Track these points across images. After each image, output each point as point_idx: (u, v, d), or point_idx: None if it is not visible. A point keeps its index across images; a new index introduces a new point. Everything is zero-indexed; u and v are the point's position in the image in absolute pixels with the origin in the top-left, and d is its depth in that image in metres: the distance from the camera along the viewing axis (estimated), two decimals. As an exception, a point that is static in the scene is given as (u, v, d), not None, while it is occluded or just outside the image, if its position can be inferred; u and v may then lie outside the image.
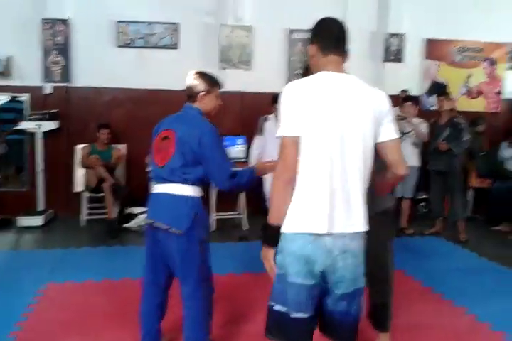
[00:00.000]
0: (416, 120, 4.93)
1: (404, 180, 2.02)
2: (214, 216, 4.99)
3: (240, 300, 3.14)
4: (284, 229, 1.66)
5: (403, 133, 4.92)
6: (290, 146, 1.62)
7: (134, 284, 3.28)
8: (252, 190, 5.22)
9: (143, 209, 4.87)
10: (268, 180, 4.96)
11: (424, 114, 5.39)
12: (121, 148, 5.35)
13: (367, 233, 1.72)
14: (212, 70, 5.44)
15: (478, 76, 6.47)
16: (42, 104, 5.29)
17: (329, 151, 1.61)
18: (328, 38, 1.73)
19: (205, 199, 4.76)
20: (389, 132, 1.72)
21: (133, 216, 4.85)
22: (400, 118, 4.95)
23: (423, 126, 4.96)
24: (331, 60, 1.72)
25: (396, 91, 5.62)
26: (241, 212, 5.21)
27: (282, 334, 1.70)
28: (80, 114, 5.40)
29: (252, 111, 5.29)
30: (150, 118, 5.34)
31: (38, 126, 5.07)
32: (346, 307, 1.71)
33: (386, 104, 1.74)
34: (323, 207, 1.61)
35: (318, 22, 1.77)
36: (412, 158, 4.89)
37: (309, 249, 1.62)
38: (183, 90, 2.47)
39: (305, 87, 1.65)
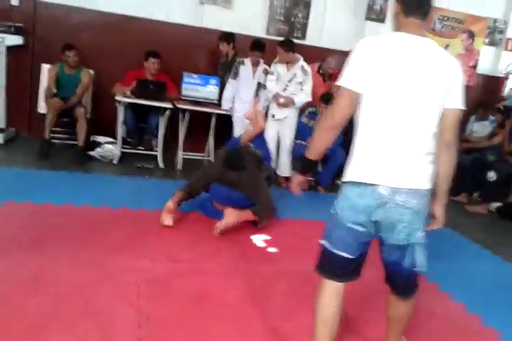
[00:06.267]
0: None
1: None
2: (181, 155, 4.95)
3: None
4: (344, 178, 1.80)
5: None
6: (344, 98, 1.71)
7: (95, 211, 3.32)
8: (222, 134, 5.24)
9: (107, 138, 4.80)
10: (237, 125, 4.96)
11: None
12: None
13: None
14: (191, 3, 5.29)
15: (456, 47, 6.52)
16: (7, 17, 4.91)
17: (395, 108, 1.68)
18: (412, 0, 1.74)
19: (173, 138, 4.85)
20: (456, 101, 1.77)
21: (98, 144, 4.74)
22: None
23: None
24: (411, 21, 1.73)
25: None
26: (208, 153, 5.19)
27: (329, 270, 1.85)
28: (47, 32, 5.04)
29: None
30: (121, 46, 5.20)
31: (1, 39, 4.74)
32: (399, 259, 1.82)
33: (459, 74, 1.77)
34: (384, 160, 1.71)
35: None
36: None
37: (365, 199, 1.72)
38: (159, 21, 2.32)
39: (379, 44, 1.70)
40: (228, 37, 5.03)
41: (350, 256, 1.80)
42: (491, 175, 5.00)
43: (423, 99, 1.69)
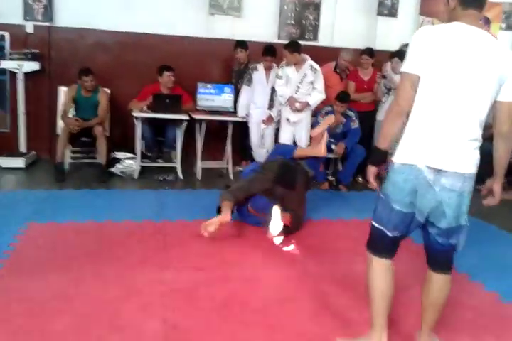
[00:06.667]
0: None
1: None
2: (199, 164, 4.97)
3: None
4: (394, 159, 1.88)
5: (388, 89, 4.91)
6: (407, 82, 1.80)
7: (118, 226, 3.36)
8: (239, 141, 5.26)
9: (127, 154, 4.86)
10: (254, 131, 4.97)
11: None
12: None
13: None
14: (200, 15, 5.36)
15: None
16: (23, 44, 5.06)
17: (448, 94, 1.75)
18: None
19: (191, 148, 4.89)
20: (508, 93, 1.81)
21: (117, 160, 4.81)
22: (380, 77, 4.93)
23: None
24: (470, 13, 1.81)
25: (387, 47, 5.54)
26: (227, 161, 5.20)
27: (374, 246, 1.99)
28: (62, 55, 5.19)
29: (242, 60, 5.19)
30: (135, 63, 5.30)
31: (19, 66, 4.90)
32: (445, 240, 1.91)
33: None
34: (433, 143, 1.79)
35: None
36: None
37: (412, 181, 1.82)
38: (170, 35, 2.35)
39: (438, 32, 1.78)
40: (244, 44, 5.07)
41: (397, 235, 1.92)
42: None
43: (475, 87, 1.76)
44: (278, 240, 3.23)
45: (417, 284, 2.24)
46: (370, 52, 5.05)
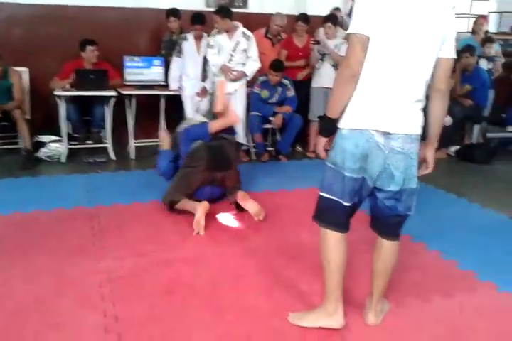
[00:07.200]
0: (337, 41, 4.80)
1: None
2: (132, 143, 4.75)
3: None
4: (341, 125, 1.80)
5: (322, 55, 4.83)
6: (357, 44, 1.68)
7: (47, 215, 3.13)
8: (172, 116, 5.03)
9: (52, 137, 4.53)
10: (188, 105, 4.76)
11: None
12: (23, 72, 4.74)
13: None
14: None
15: None
16: None
17: (397, 55, 1.69)
18: None
19: (123, 127, 4.63)
20: (450, 50, 1.79)
21: (42, 144, 4.47)
22: (314, 43, 4.82)
23: (343, 48, 4.84)
24: None
25: (319, 12, 5.42)
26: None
27: (327, 218, 1.91)
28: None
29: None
30: (54, 39, 4.88)
31: None
32: (395, 204, 1.87)
33: (454, 23, 1.79)
34: (382, 106, 1.73)
35: None
36: (332, 80, 4.81)
37: (363, 145, 1.76)
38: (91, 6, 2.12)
39: None
40: (177, 12, 4.80)
41: (348, 204, 1.85)
42: (448, 120, 5.00)
43: (422, 46, 1.71)
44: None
45: (367, 252, 2.21)
46: (305, 18, 4.91)
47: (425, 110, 1.86)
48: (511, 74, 5.58)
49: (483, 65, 5.39)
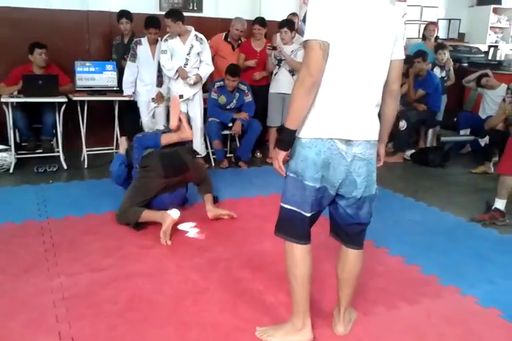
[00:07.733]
0: (294, 46, 4.79)
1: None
2: (85, 151, 4.57)
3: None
4: (301, 135, 1.75)
5: (279, 60, 4.80)
6: (318, 51, 1.61)
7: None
8: (127, 122, 4.88)
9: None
10: (143, 111, 4.62)
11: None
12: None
13: None
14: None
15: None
16: None
17: (355, 61, 1.66)
18: None
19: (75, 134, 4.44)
20: (400, 52, 1.80)
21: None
22: (270, 49, 4.77)
23: (299, 54, 4.82)
24: None
25: (273, 17, 5.40)
26: (117, 145, 4.80)
27: (288, 230, 1.86)
28: None
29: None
30: (1, 44, 4.62)
31: None
32: (356, 212, 1.86)
33: (403, 25, 1.81)
34: (344, 114, 1.70)
35: None
36: (289, 85, 4.80)
37: (325, 153, 1.72)
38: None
39: None
40: (129, 14, 4.66)
41: (309, 214, 1.82)
42: (402, 124, 5.13)
43: (378, 51, 1.70)
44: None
45: (328, 259, 2.18)
46: (261, 21, 4.88)
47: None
48: (461, 79, 5.78)
49: (437, 72, 5.53)
